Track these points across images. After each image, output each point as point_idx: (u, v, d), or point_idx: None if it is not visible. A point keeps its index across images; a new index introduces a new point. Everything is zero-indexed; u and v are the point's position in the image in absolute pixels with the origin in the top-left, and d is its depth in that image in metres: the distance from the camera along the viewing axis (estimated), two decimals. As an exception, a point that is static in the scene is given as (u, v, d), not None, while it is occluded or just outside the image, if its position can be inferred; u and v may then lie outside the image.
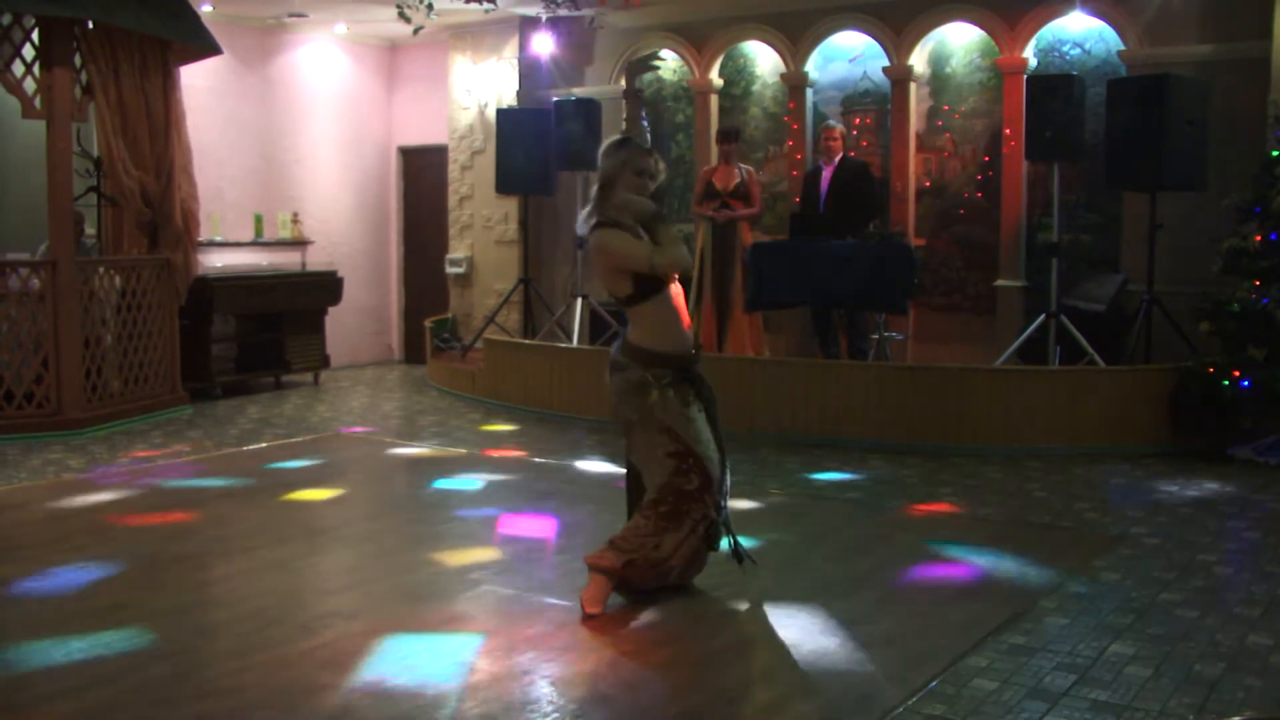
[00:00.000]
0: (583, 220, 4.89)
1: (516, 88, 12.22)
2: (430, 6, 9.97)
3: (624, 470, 5.12)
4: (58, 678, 3.96)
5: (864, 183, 9.50)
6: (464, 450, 8.23)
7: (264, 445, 8.39)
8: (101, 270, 9.07)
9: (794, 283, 9.04)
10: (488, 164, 11.95)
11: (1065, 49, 9.84)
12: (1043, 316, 8.87)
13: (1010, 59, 9.88)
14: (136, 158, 9.16)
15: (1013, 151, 9.83)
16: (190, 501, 6.61)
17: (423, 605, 4.74)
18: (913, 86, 10.40)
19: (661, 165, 4.92)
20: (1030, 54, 9.87)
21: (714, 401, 4.92)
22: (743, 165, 9.91)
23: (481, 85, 12.44)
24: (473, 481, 7.24)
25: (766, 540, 5.75)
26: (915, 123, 10.44)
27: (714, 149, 10.38)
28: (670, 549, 4.71)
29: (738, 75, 11.43)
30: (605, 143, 4.99)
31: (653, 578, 4.77)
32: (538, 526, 6.10)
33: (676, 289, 4.89)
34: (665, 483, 4.72)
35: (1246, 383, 7.58)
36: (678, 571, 4.82)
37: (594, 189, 4.88)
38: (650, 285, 4.77)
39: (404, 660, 4.10)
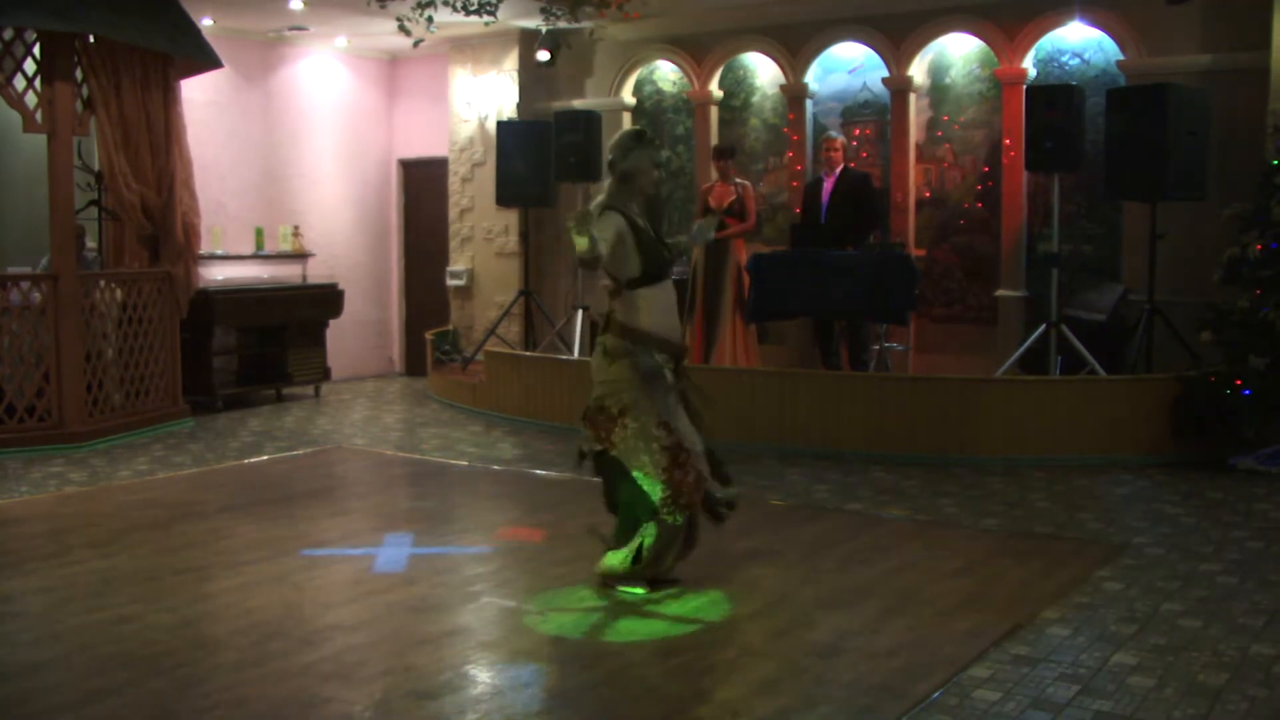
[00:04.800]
0: (593, 206, 5.04)
1: (516, 100, 12.24)
2: (430, 19, 9.98)
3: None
4: (59, 691, 3.96)
5: (865, 193, 9.50)
6: (464, 463, 8.23)
7: (265, 458, 8.39)
8: (103, 284, 9.08)
9: (795, 294, 9.04)
10: (488, 176, 11.96)
11: (1064, 59, 9.86)
12: (1044, 327, 8.87)
13: (1009, 69, 9.89)
14: (138, 171, 9.18)
15: (1012, 162, 9.83)
16: (190, 515, 6.60)
17: (423, 617, 4.74)
18: (912, 97, 10.42)
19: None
20: (1029, 64, 9.89)
21: (693, 390, 5.14)
22: (739, 180, 9.92)
23: (482, 97, 12.47)
24: (473, 493, 7.23)
25: (769, 552, 5.75)
26: (915, 133, 10.45)
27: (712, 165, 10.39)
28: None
29: (737, 87, 11.45)
30: (624, 134, 5.15)
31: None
32: (538, 538, 6.09)
33: (672, 288, 5.13)
34: (667, 479, 4.88)
35: (1248, 392, 7.57)
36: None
37: (611, 179, 5.08)
38: (654, 271, 4.98)
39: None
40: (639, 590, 4.99)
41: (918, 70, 10.38)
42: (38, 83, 8.61)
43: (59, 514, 6.65)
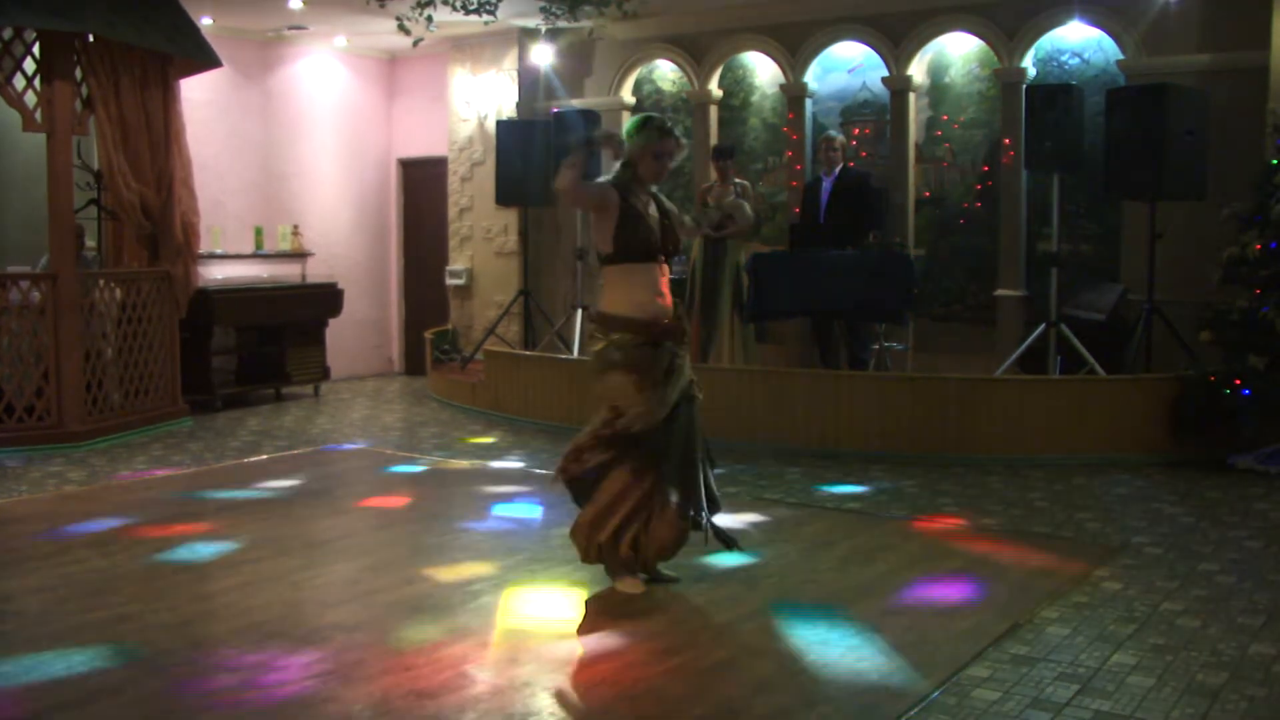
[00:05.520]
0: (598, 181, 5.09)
1: (516, 99, 12.24)
2: (430, 19, 9.98)
3: None
4: (57, 691, 3.95)
5: (865, 193, 9.50)
6: (464, 462, 8.23)
7: (264, 458, 8.39)
8: (102, 283, 9.07)
9: (795, 293, 9.04)
10: (487, 175, 11.96)
11: (1064, 59, 9.86)
12: (1043, 326, 8.87)
13: (1009, 69, 9.90)
14: (137, 171, 9.18)
15: (1012, 161, 9.84)
16: (190, 515, 6.60)
17: (423, 617, 4.73)
18: (912, 97, 10.42)
19: (682, 143, 5.13)
20: (1029, 64, 9.89)
21: (689, 384, 5.03)
22: (738, 181, 9.93)
23: (481, 97, 12.47)
24: (473, 493, 7.23)
25: (768, 551, 5.75)
26: (914, 133, 10.46)
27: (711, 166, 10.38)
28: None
29: (737, 86, 11.45)
30: (633, 119, 5.14)
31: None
32: (538, 537, 6.08)
33: (662, 270, 5.03)
34: (575, 444, 5.01)
35: (1247, 391, 7.58)
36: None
37: (617, 163, 5.08)
38: (632, 249, 4.92)
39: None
40: (636, 589, 4.99)
41: (917, 70, 10.39)
42: (37, 82, 8.61)
43: (58, 513, 6.65)
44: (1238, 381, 7.62)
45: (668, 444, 4.89)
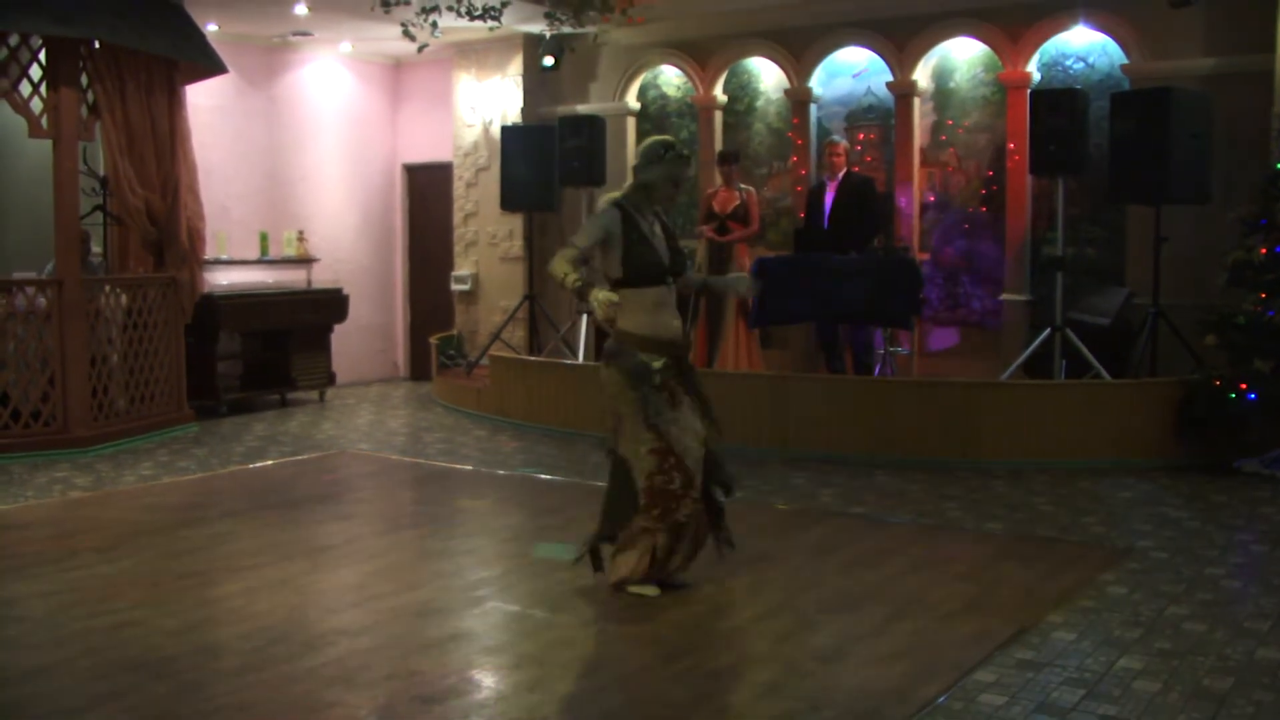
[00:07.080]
0: (603, 199, 5.13)
1: (521, 105, 12.25)
2: (435, 25, 9.99)
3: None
4: (62, 696, 3.96)
5: (868, 198, 9.51)
6: (469, 467, 8.23)
7: (269, 463, 8.40)
8: (108, 289, 9.10)
9: (799, 298, 9.04)
10: (492, 181, 11.96)
11: (1068, 63, 9.86)
12: (1048, 330, 8.86)
13: (1013, 73, 9.89)
14: (142, 176, 9.19)
15: (1016, 166, 9.83)
16: (194, 520, 6.61)
17: (428, 622, 4.74)
18: (916, 102, 10.42)
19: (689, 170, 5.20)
20: (1034, 68, 9.88)
21: (702, 392, 5.07)
22: (743, 186, 9.94)
23: (486, 102, 12.48)
24: (477, 498, 7.24)
25: (774, 556, 5.75)
26: (919, 138, 10.45)
27: (716, 170, 10.39)
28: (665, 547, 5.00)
29: (741, 91, 11.45)
30: (654, 144, 5.12)
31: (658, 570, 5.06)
32: (543, 542, 6.09)
33: (668, 292, 5.06)
34: (648, 484, 4.90)
35: (1253, 395, 7.56)
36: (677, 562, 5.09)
37: (631, 180, 5.11)
38: (641, 274, 4.96)
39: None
40: (650, 591, 4.99)
41: (922, 74, 10.38)
42: (43, 88, 8.64)
43: (64, 519, 6.66)
44: (1243, 385, 7.61)
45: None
